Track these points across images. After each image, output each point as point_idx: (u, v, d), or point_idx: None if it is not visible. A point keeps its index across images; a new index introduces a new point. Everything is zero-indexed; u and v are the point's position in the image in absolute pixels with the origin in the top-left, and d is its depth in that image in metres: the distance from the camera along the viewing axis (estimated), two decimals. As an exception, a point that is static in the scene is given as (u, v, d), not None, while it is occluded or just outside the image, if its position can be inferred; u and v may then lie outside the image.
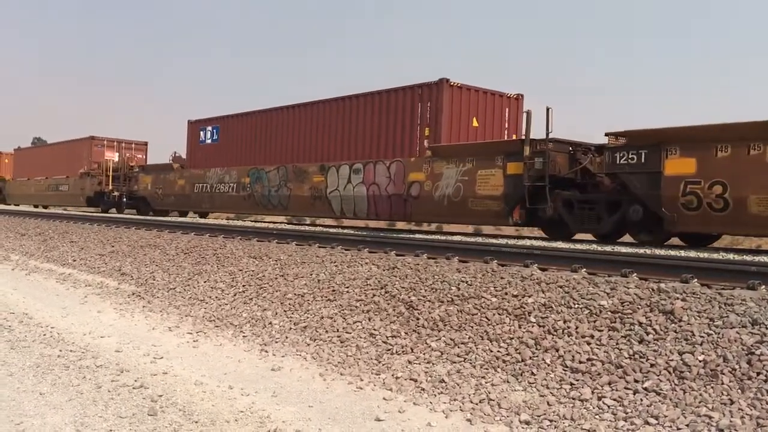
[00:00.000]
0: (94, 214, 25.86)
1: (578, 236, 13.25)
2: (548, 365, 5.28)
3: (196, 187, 22.62)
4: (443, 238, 12.29)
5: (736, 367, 4.56)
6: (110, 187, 28.66)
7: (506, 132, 15.98)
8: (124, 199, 28.28)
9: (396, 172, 15.39)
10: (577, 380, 4.98)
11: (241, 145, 21.07)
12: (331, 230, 15.04)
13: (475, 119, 15.47)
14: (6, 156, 43.07)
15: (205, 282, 9.76)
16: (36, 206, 36.92)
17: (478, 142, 14.73)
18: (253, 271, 9.62)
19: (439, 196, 14.13)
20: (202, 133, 23.09)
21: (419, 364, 5.80)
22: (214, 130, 22.49)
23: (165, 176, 24.60)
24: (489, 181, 13.16)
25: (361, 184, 16.31)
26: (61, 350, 6.59)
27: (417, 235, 12.99)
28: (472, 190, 13.42)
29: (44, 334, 7.31)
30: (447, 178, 14.00)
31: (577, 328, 5.61)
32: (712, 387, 4.47)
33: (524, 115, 12.85)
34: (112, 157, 30.36)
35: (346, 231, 14.75)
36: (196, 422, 4.61)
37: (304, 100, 19.12)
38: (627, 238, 13.50)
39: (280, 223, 21.89)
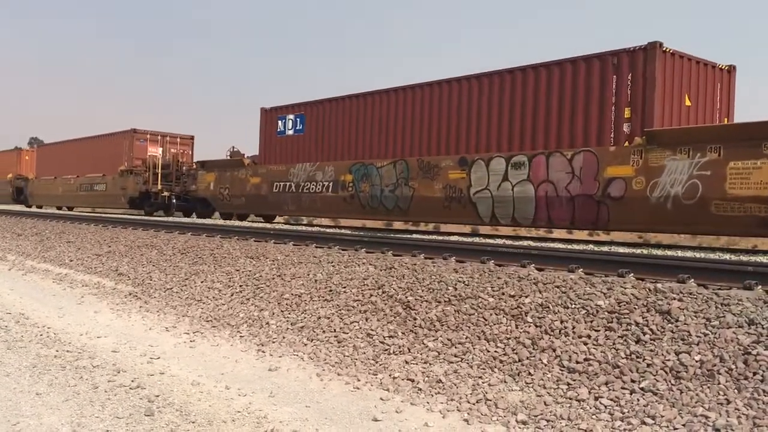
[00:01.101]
0: (96, 215, 25.65)
1: (576, 234, 13.28)
2: (545, 365, 5.28)
3: (275, 187, 19.00)
4: (440, 238, 12.30)
5: (733, 367, 4.57)
6: (159, 187, 25.05)
7: (718, 113, 12.83)
8: (174, 200, 25.15)
9: (583, 165, 12.09)
10: (574, 380, 4.98)
11: (337, 136, 17.60)
12: (329, 230, 15.04)
13: (687, 96, 12.23)
14: (27, 153, 39.51)
15: (202, 282, 9.75)
16: (60, 208, 33.86)
17: (730, 124, 11.75)
18: (250, 271, 9.61)
19: (660, 198, 10.92)
20: (280, 122, 19.52)
21: (416, 364, 5.80)
22: (298, 119, 18.95)
23: (233, 174, 20.80)
24: (750, 176, 10.02)
25: (525, 182, 12.99)
26: (57, 350, 6.58)
27: (414, 236, 13.01)
28: (719, 189, 10.27)
29: (41, 335, 7.30)
30: (673, 174, 10.81)
31: (574, 328, 5.62)
32: (708, 387, 4.48)
33: None
34: (156, 152, 27.02)
35: (343, 231, 14.75)
36: (193, 422, 4.61)
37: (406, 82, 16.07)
38: (624, 238, 13.51)
39: (278, 223, 21.76)
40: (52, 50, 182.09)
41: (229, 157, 21.99)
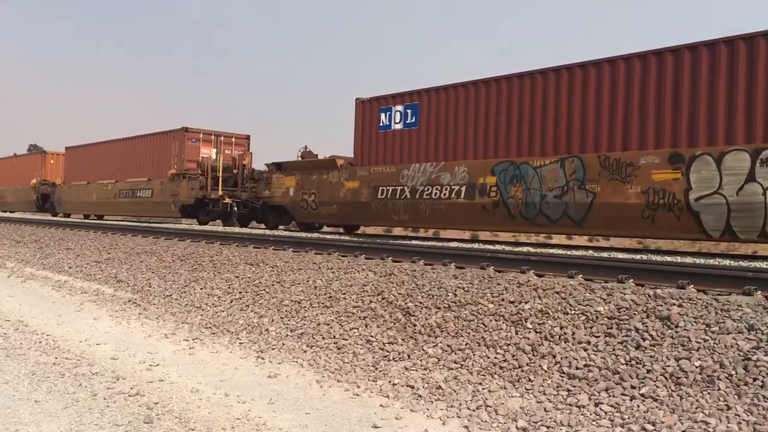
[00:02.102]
0: (96, 223, 25.58)
1: (576, 240, 13.30)
2: (545, 371, 5.27)
3: (381, 192, 15.57)
4: (440, 244, 12.30)
5: (733, 372, 4.56)
6: (220, 193, 21.48)
7: None
8: (235, 209, 21.68)
9: None
10: (574, 386, 4.97)
11: (467, 129, 14.14)
12: (328, 237, 15.04)
13: None
14: (52, 156, 35.46)
15: (201, 289, 9.74)
16: (87, 216, 31.32)
17: None
18: (249, 277, 9.61)
19: None
20: (383, 115, 16.13)
21: (416, 370, 5.79)
22: (409, 111, 15.53)
23: (321, 178, 17.47)
24: None
25: None
26: (56, 358, 6.56)
27: (413, 242, 13.00)
28: None
29: (40, 342, 7.28)
30: None
31: (573, 334, 5.61)
32: (708, 393, 4.47)
33: None
34: (208, 153, 23.32)
35: (342, 237, 14.75)
36: (192, 430, 4.59)
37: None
38: (624, 243, 13.53)
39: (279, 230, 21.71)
40: (52, 52, 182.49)
41: (301, 158, 19.02)
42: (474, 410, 4.89)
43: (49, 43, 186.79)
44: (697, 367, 4.72)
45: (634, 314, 5.59)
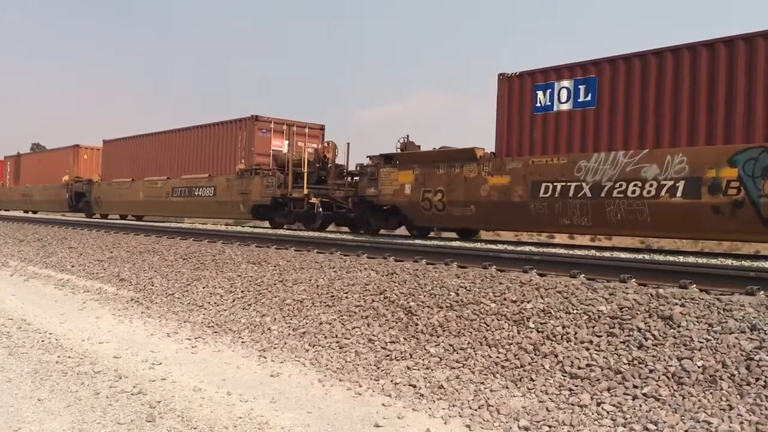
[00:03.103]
0: (98, 222, 25.53)
1: (578, 240, 13.29)
2: (547, 371, 5.27)
3: (545, 189, 12.36)
4: (442, 243, 12.30)
5: (735, 372, 4.56)
6: (305, 191, 17.89)
7: None
8: (320, 209, 17.88)
9: None
10: (576, 386, 4.97)
11: (682, 106, 10.69)
12: (330, 236, 15.03)
13: None
14: (86, 150, 31.34)
15: (203, 288, 9.75)
16: (123, 217, 28.52)
17: None
18: (251, 276, 9.62)
19: None
20: (540, 94, 13.01)
21: (418, 369, 5.79)
22: (581, 87, 12.38)
23: (451, 171, 13.88)
24: None
25: None
26: (59, 356, 6.58)
27: (416, 241, 12.99)
28: None
29: (42, 340, 7.30)
30: None
31: (576, 333, 5.61)
32: (711, 392, 4.47)
33: None
34: (281, 146, 20.38)
35: (344, 237, 14.75)
36: (195, 428, 4.60)
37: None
38: (624, 242, 13.52)
39: (287, 229, 21.65)
40: (52, 52, 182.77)
41: (401, 150, 15.85)
42: (476, 410, 4.89)
43: (50, 42, 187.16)
44: (699, 366, 4.71)
45: (637, 314, 5.58)
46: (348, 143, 18.14)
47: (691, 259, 8.83)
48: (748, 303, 5.40)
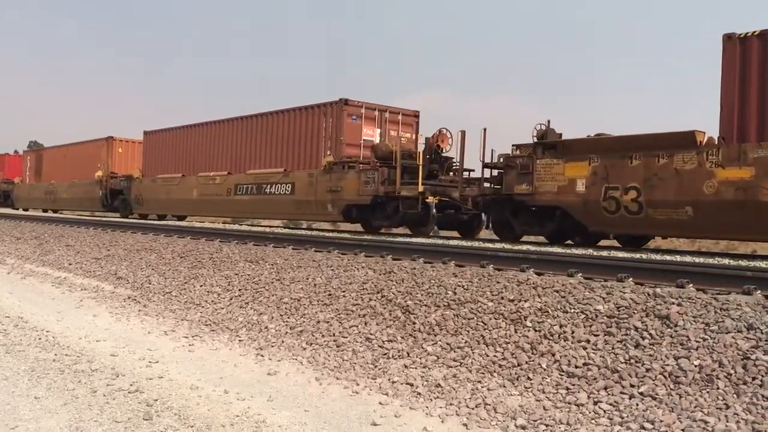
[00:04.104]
0: (96, 219, 25.34)
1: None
2: (544, 370, 5.28)
3: None
4: (440, 242, 12.30)
5: (732, 371, 4.57)
6: (420, 188, 14.65)
7: None
8: (434, 211, 14.88)
9: None
10: (573, 385, 4.98)
11: None
12: (328, 234, 15.03)
13: None
14: (121, 143, 28.20)
15: (201, 286, 9.74)
16: (162, 217, 25.89)
17: None
18: (249, 275, 9.61)
19: None
20: None
21: (415, 368, 5.79)
22: None
23: (653, 162, 10.95)
24: None
25: None
26: (56, 354, 6.57)
27: (413, 240, 13.00)
28: None
29: (39, 338, 7.29)
30: None
31: (573, 332, 5.62)
32: (707, 392, 4.48)
33: None
34: (372, 135, 17.28)
35: (342, 235, 14.75)
36: (192, 427, 4.60)
37: None
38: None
39: (277, 227, 21.61)
40: (52, 51, 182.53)
41: (537, 139, 12.97)
42: (473, 408, 4.90)
43: (49, 41, 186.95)
44: (696, 366, 4.72)
45: (634, 313, 5.59)
46: (462, 131, 14.08)
47: (688, 259, 8.85)
48: (745, 302, 5.41)
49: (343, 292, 7.88)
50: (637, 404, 4.54)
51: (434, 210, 14.83)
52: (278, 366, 6.28)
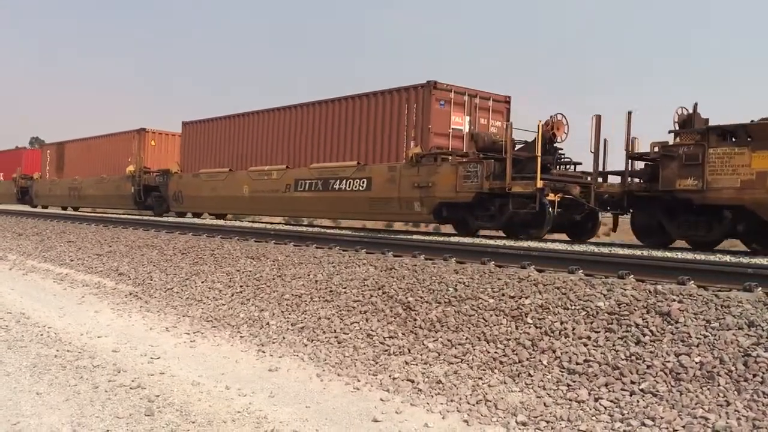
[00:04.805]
0: (97, 215, 25.31)
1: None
2: (545, 366, 5.28)
3: None
4: (441, 239, 12.30)
5: (733, 368, 4.57)
6: (538, 184, 12.20)
7: None
8: (550, 211, 12.39)
9: None
10: (574, 381, 4.99)
11: None
12: (329, 231, 15.03)
13: None
14: (154, 135, 25.76)
15: (202, 282, 9.75)
16: (201, 215, 23.37)
17: None
18: (250, 271, 9.62)
19: None
20: None
21: (416, 365, 5.80)
22: None
23: None
24: None
25: None
26: (58, 350, 6.58)
27: (414, 236, 12.98)
28: None
29: (41, 334, 7.30)
30: None
31: (574, 329, 5.62)
32: (708, 388, 4.48)
33: None
34: (461, 123, 15.11)
35: (343, 232, 14.75)
36: (193, 422, 4.61)
37: None
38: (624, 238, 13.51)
39: (278, 223, 21.52)
40: (51, 49, 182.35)
41: (678, 126, 11.40)
42: (474, 405, 4.91)
43: (48, 39, 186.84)
44: (697, 362, 4.72)
45: (635, 310, 5.59)
46: (597, 116, 11.90)
47: (689, 256, 8.84)
48: (746, 299, 5.41)
49: (345, 288, 7.89)
50: (638, 401, 4.55)
51: (550, 209, 12.44)
52: (279, 362, 6.29)
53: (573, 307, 5.93)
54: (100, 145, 28.32)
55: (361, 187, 15.78)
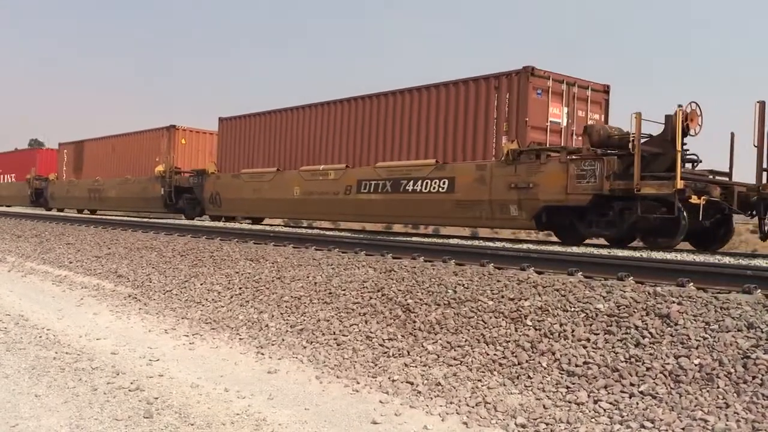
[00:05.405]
0: (96, 218, 25.22)
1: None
2: (544, 368, 5.28)
3: None
4: (440, 241, 12.30)
5: (732, 370, 4.57)
6: (678, 185, 10.29)
7: None
8: (684, 215, 10.73)
9: None
10: (574, 383, 4.98)
11: None
12: (328, 233, 15.03)
13: None
14: (184, 133, 23.87)
15: (201, 284, 9.75)
16: (235, 219, 20.94)
17: None
18: (249, 273, 9.61)
19: None
20: None
21: (416, 367, 5.79)
22: None
23: None
24: None
25: None
26: (56, 352, 6.57)
27: (414, 238, 12.98)
28: None
29: (40, 336, 7.29)
30: None
31: (573, 331, 5.62)
32: (707, 391, 4.48)
33: None
34: (558, 116, 13.30)
35: (343, 234, 14.74)
36: (192, 425, 4.60)
37: None
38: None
39: (277, 225, 21.47)
40: (52, 50, 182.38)
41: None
42: (473, 407, 4.90)
43: (48, 39, 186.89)
44: (696, 365, 4.72)
45: (634, 312, 5.59)
46: (761, 102, 10.39)
47: (688, 257, 8.85)
48: (745, 301, 5.41)
49: (344, 290, 7.89)
50: (637, 403, 4.55)
51: (684, 214, 10.62)
52: (278, 364, 6.29)
53: (572, 309, 5.92)
54: (125, 143, 26.56)
55: (441, 189, 13.97)
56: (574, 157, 11.70)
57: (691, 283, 6.12)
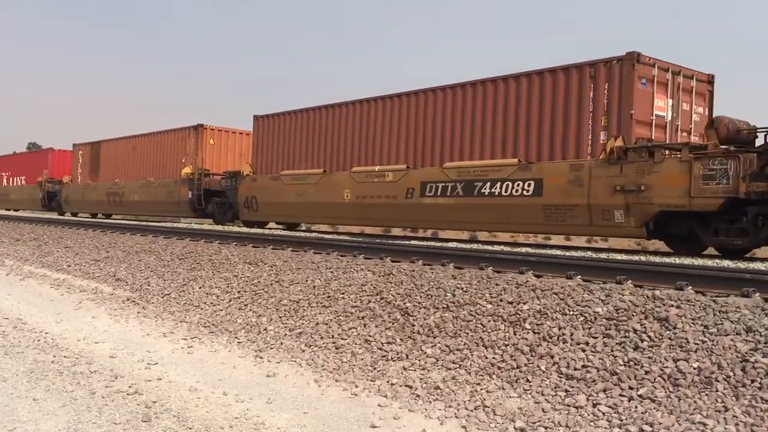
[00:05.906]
0: (95, 221, 25.22)
1: (574, 241, 13.26)
2: (543, 372, 5.28)
3: None
4: (438, 244, 12.30)
5: (731, 374, 4.57)
6: None
7: None
8: None
9: None
10: (572, 387, 4.98)
11: None
12: (327, 236, 15.02)
13: None
14: (212, 132, 22.29)
15: (200, 288, 9.74)
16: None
17: None
18: (248, 276, 9.61)
19: None
20: None
21: (414, 370, 5.79)
22: None
23: None
24: None
25: None
26: (55, 356, 6.56)
27: (412, 242, 12.98)
28: None
29: (38, 340, 7.28)
30: None
31: (572, 335, 5.62)
32: (706, 394, 4.48)
33: None
34: (663, 108, 11.74)
35: (341, 237, 14.73)
36: (191, 429, 4.60)
37: None
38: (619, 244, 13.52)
39: (276, 228, 21.40)
40: (52, 50, 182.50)
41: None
42: (472, 410, 4.90)
43: (48, 40, 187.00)
44: (695, 368, 4.72)
45: (633, 315, 5.59)
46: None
47: (687, 261, 8.85)
48: (744, 305, 5.42)
49: (342, 294, 7.88)
50: (636, 406, 4.55)
51: None
52: (277, 368, 6.28)
53: (571, 313, 5.93)
54: (147, 143, 24.85)
55: (526, 192, 12.35)
56: (699, 154, 10.15)
57: (690, 287, 6.12)
